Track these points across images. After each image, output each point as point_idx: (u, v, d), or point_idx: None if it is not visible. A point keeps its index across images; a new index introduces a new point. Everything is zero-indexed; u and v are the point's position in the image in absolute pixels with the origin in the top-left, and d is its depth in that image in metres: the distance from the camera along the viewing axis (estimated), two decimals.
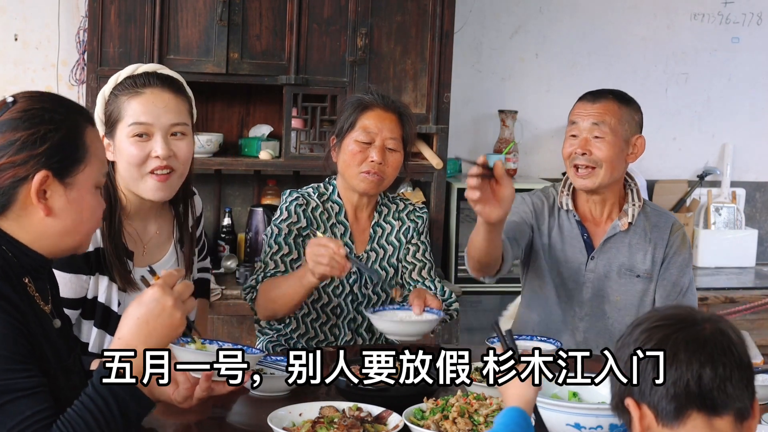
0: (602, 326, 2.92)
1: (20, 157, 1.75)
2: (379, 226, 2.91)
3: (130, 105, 2.35)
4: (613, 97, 2.88)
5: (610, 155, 2.82)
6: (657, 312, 1.60)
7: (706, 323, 1.53)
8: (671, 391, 1.48)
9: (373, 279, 2.62)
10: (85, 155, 1.81)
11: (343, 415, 2.01)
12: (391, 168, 2.82)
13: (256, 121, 4.44)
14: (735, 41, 5.17)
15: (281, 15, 4.10)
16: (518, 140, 4.89)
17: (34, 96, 1.86)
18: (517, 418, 1.74)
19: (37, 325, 1.76)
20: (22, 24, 4.30)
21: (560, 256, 2.92)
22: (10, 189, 1.76)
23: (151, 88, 2.36)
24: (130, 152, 2.35)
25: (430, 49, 4.24)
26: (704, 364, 1.48)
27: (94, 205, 1.84)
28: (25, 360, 1.68)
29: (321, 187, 2.89)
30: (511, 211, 2.92)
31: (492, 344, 2.53)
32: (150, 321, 1.77)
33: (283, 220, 2.79)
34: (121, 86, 2.38)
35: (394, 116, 2.83)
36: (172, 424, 2.06)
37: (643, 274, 2.91)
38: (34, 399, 1.65)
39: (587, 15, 4.98)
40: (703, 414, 1.48)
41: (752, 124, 5.23)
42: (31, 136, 1.76)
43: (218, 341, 2.13)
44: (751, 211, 5.28)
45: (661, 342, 1.51)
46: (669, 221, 2.97)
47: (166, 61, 3.99)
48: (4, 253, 1.76)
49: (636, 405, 1.53)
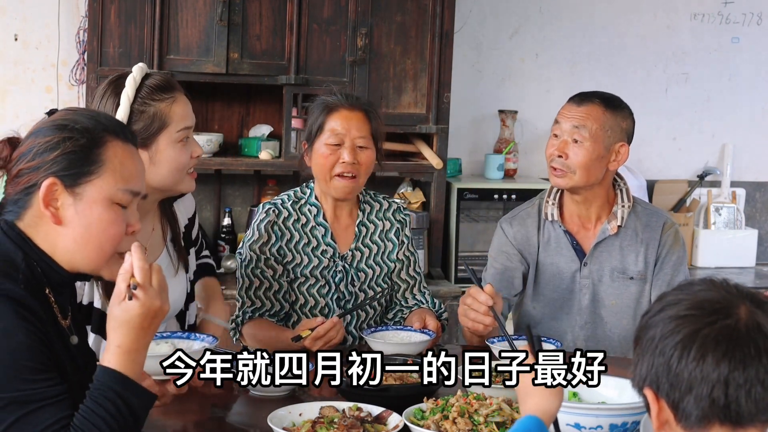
0: (602, 333, 2.91)
1: (33, 164, 1.77)
2: (363, 225, 2.92)
3: (175, 112, 2.35)
4: (601, 101, 2.83)
5: (586, 161, 2.79)
6: (690, 293, 1.44)
7: (741, 309, 1.39)
8: (694, 395, 1.37)
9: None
10: (98, 168, 1.78)
11: (343, 415, 2.01)
12: (365, 166, 2.83)
13: (256, 121, 4.44)
14: (735, 41, 5.17)
15: (281, 15, 4.10)
16: (518, 140, 4.89)
17: (71, 109, 1.89)
18: (532, 429, 1.66)
19: (56, 337, 1.77)
20: (22, 24, 4.30)
21: (552, 269, 2.91)
22: (24, 195, 1.78)
23: (177, 92, 2.38)
24: (179, 159, 2.37)
25: (430, 49, 4.24)
26: (733, 370, 1.35)
27: (107, 220, 1.80)
28: (49, 369, 1.69)
29: (298, 191, 2.92)
30: (492, 257, 2.98)
31: (492, 344, 2.53)
32: (143, 324, 1.76)
33: (254, 242, 2.82)
34: (149, 92, 2.33)
35: (360, 114, 2.83)
36: (172, 424, 2.06)
37: (637, 276, 2.89)
38: (57, 407, 1.67)
39: (587, 15, 4.98)
40: (727, 426, 1.37)
41: (752, 124, 5.23)
42: (47, 143, 1.77)
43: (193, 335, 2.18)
44: (751, 211, 5.28)
45: (689, 338, 1.38)
46: (660, 220, 2.93)
47: (166, 61, 3.99)
48: (30, 261, 1.77)
49: (655, 398, 1.42)
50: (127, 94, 2.31)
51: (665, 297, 1.46)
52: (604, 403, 2.09)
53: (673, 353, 1.38)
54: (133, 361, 1.74)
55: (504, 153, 4.80)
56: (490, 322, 2.55)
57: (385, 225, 2.95)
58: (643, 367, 1.44)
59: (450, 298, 4.14)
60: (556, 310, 2.91)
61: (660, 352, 1.40)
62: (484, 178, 4.78)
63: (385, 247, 2.93)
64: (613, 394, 2.13)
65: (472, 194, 4.56)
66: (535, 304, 2.93)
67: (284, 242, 2.82)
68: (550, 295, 2.91)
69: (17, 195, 1.78)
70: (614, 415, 1.93)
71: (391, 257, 2.94)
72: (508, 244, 2.94)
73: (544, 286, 2.92)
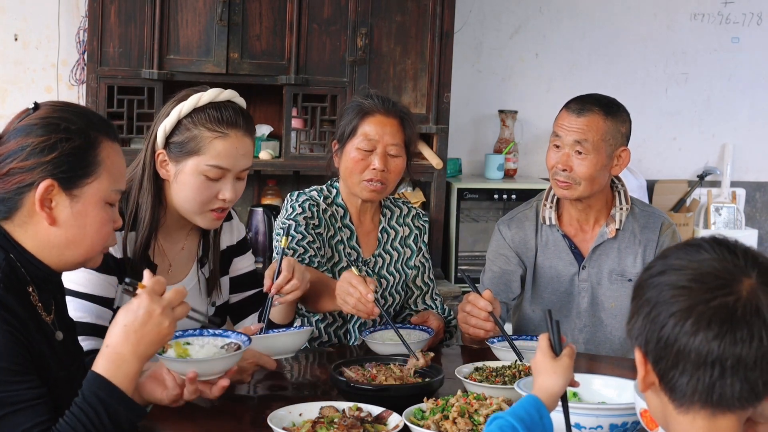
0: (602, 336, 2.90)
1: (28, 164, 1.75)
2: (385, 231, 2.90)
3: (214, 146, 2.31)
4: (600, 109, 2.79)
5: (591, 172, 2.78)
6: (695, 260, 1.38)
7: (744, 284, 1.34)
8: (680, 369, 1.34)
9: (394, 329, 2.49)
10: (96, 169, 1.79)
11: (343, 415, 2.00)
12: (394, 174, 2.78)
13: (256, 121, 4.39)
14: (735, 41, 5.17)
15: (281, 15, 4.10)
16: (518, 140, 4.89)
17: (57, 105, 1.85)
18: (529, 407, 1.62)
19: (39, 334, 1.76)
20: (22, 24, 4.30)
21: (551, 272, 2.90)
22: (15, 194, 1.76)
23: (236, 131, 2.32)
24: (198, 191, 2.32)
25: (430, 49, 4.24)
26: (723, 351, 1.31)
27: (101, 220, 1.82)
28: (26, 371, 1.68)
29: (324, 190, 2.86)
30: (490, 259, 2.97)
31: (492, 344, 2.53)
32: (138, 329, 1.76)
33: (298, 214, 2.74)
34: (205, 117, 2.32)
35: (395, 121, 2.78)
36: (169, 424, 2.06)
37: (635, 278, 2.87)
38: (34, 410, 1.66)
39: (587, 15, 4.98)
40: (707, 409, 1.35)
41: (752, 124, 5.23)
42: (42, 143, 1.75)
43: (224, 331, 2.16)
44: (751, 211, 5.28)
45: (684, 312, 1.34)
46: (658, 221, 2.92)
47: (166, 61, 3.99)
48: (12, 261, 1.76)
49: (644, 360, 1.39)
50: (182, 108, 2.32)
51: (669, 256, 1.41)
52: (604, 403, 2.09)
53: (666, 323, 1.35)
54: (119, 368, 1.74)
55: (504, 153, 4.80)
56: (490, 327, 2.55)
57: (405, 231, 2.92)
58: (637, 324, 1.41)
59: (450, 298, 4.14)
60: (555, 313, 2.90)
61: (653, 319, 1.37)
62: (484, 178, 4.79)
63: (404, 254, 2.91)
64: (613, 394, 2.13)
65: (472, 194, 4.57)
66: (534, 307, 2.93)
67: (320, 229, 2.77)
68: (548, 298, 2.91)
69: (5, 194, 1.76)
70: (614, 415, 1.93)
71: (409, 264, 2.92)
72: (506, 246, 2.94)
73: (542, 289, 2.92)
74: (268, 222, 4.13)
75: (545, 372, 1.70)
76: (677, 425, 1.39)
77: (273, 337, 2.36)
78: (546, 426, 1.62)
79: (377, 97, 2.81)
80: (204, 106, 2.32)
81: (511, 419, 1.59)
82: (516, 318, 3.02)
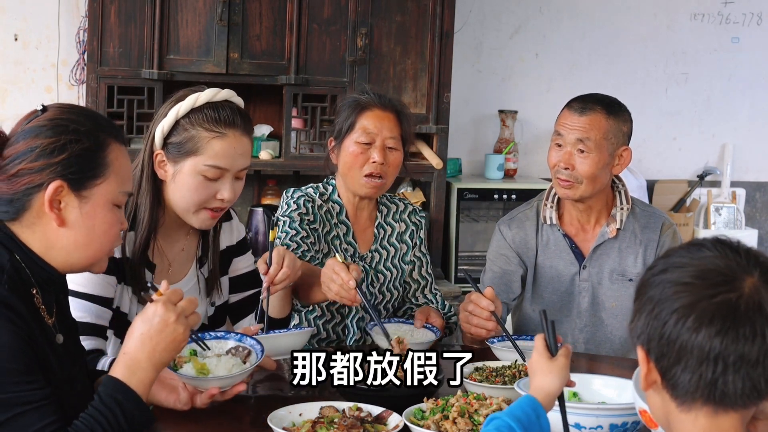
0: (602, 336, 2.90)
1: (37, 165, 1.75)
2: (381, 227, 2.91)
3: (211, 146, 2.30)
4: (602, 107, 2.80)
5: (593, 171, 2.78)
6: (697, 258, 1.38)
7: (747, 282, 1.33)
8: (683, 366, 1.34)
9: (373, 317, 2.52)
10: (105, 171, 1.80)
11: (343, 415, 2.00)
12: (392, 167, 2.82)
13: (256, 121, 4.43)
14: (735, 41, 5.17)
15: (281, 15, 4.10)
16: (518, 140, 4.90)
17: (64, 107, 1.85)
18: (526, 408, 1.63)
19: (42, 335, 1.77)
20: (22, 24, 4.30)
21: (552, 272, 2.90)
22: (24, 195, 1.76)
23: (233, 131, 2.32)
24: (196, 191, 2.32)
25: (430, 49, 4.24)
26: (725, 347, 1.31)
27: (109, 222, 1.83)
28: (32, 372, 1.69)
29: (320, 187, 2.89)
30: (490, 259, 2.97)
31: (492, 344, 2.53)
32: (153, 336, 1.79)
33: (293, 210, 2.76)
34: (203, 117, 2.32)
35: (392, 115, 2.82)
36: (169, 423, 2.06)
37: (636, 278, 2.87)
38: (41, 412, 1.67)
39: (587, 15, 4.98)
40: (710, 406, 1.34)
41: (752, 124, 5.23)
42: (51, 144, 1.76)
43: (230, 333, 2.19)
44: (751, 211, 5.28)
45: (687, 308, 1.33)
46: (659, 221, 2.92)
47: (166, 61, 3.99)
48: (17, 262, 1.77)
49: (646, 358, 1.39)
50: (179, 108, 2.32)
51: (672, 255, 1.41)
52: (604, 403, 2.09)
53: (668, 320, 1.35)
54: (134, 374, 1.78)
55: (504, 153, 4.80)
56: (492, 327, 2.55)
57: (401, 227, 2.94)
58: (639, 323, 1.40)
59: (450, 297, 4.14)
60: (556, 312, 2.90)
61: (656, 316, 1.37)
62: (484, 178, 4.79)
63: (400, 250, 2.93)
64: (613, 394, 2.13)
65: (472, 194, 4.56)
66: (535, 307, 2.93)
67: (315, 225, 2.78)
68: (549, 297, 2.91)
69: (14, 195, 1.77)
70: (614, 415, 1.93)
71: (405, 259, 2.93)
72: (507, 246, 2.94)
73: (543, 288, 2.92)
74: (268, 222, 4.13)
75: (541, 372, 1.70)
76: (679, 424, 1.38)
77: (273, 337, 2.36)
78: (543, 426, 1.62)
79: (374, 93, 2.85)
80: (201, 106, 2.32)
81: (508, 419, 1.59)
82: (516, 318, 3.02)
